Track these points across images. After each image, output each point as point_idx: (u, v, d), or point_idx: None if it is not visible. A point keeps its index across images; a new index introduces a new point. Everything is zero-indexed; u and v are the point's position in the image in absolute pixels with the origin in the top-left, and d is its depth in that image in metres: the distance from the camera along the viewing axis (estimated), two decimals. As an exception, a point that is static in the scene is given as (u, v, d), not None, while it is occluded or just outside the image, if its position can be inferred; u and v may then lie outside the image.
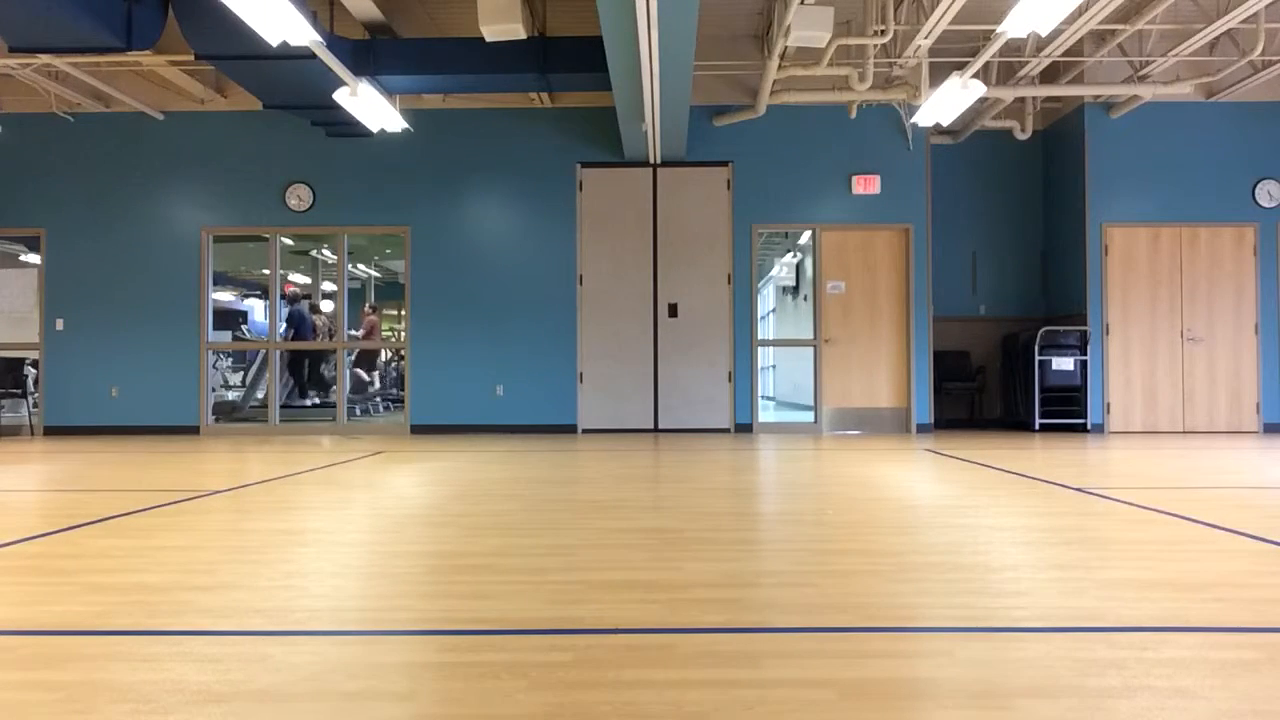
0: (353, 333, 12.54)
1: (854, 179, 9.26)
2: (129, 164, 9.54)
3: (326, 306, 12.99)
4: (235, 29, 6.97)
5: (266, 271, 10.13)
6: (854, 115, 9.24)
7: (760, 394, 9.96)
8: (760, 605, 2.13)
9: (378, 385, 12.05)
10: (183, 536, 3.12)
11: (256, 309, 15.62)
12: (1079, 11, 7.19)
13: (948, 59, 8.79)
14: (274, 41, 6.06)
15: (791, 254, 14.70)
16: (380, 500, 4.10)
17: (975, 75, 8.27)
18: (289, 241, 13.27)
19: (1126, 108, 9.03)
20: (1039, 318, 10.06)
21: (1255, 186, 9.22)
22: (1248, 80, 8.69)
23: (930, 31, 7.10)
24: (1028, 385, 9.36)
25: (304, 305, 11.45)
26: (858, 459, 6.12)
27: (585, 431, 9.30)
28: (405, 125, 8.53)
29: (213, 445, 7.88)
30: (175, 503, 4.00)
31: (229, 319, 13.60)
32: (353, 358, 11.86)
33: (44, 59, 8.03)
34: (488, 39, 7.05)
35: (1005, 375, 9.93)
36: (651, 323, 9.32)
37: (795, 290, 14.75)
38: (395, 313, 18.79)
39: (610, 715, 1.44)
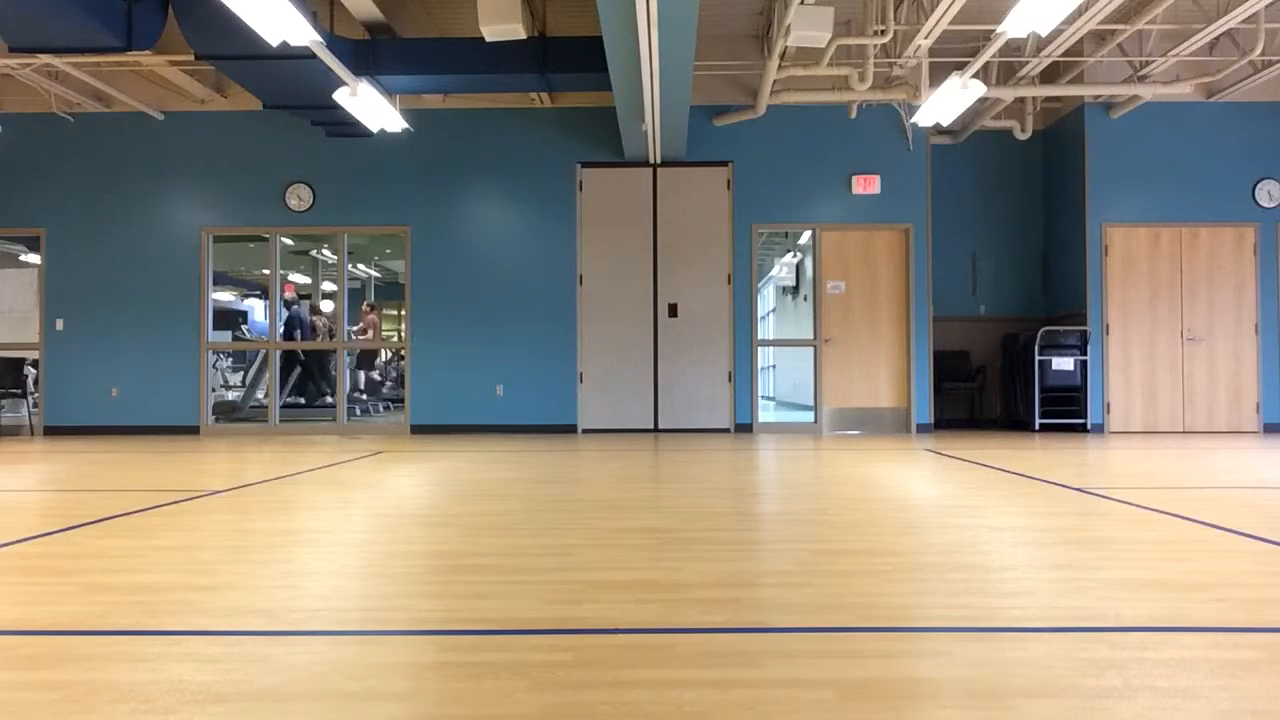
0: (352, 330, 12.54)
1: (854, 179, 9.27)
2: (129, 164, 9.54)
3: (326, 306, 12.99)
4: (235, 29, 6.97)
5: (266, 271, 10.13)
6: (854, 115, 9.24)
7: (760, 394, 9.96)
8: (760, 605, 2.13)
9: (363, 384, 12.03)
10: (183, 536, 3.12)
11: (256, 309, 15.62)
12: (1079, 11, 7.19)
13: (948, 59, 8.80)
14: (274, 41, 6.06)
15: (791, 254, 14.71)
16: (380, 500, 4.10)
17: (975, 75, 8.27)
18: (289, 241, 13.28)
19: (1126, 108, 9.03)
20: (1039, 318, 10.06)
21: (1255, 186, 9.22)
22: (1248, 80, 8.69)
23: (930, 31, 7.10)
24: (1028, 385, 9.36)
25: (302, 307, 11.44)
26: (858, 459, 6.12)
27: (585, 431, 9.30)
28: (405, 125, 8.53)
29: (213, 445, 7.88)
30: (175, 503, 4.00)
31: (229, 319, 13.59)
32: (352, 359, 11.86)
33: (44, 59, 8.03)
34: (488, 39, 7.05)
35: (1005, 375, 9.93)
36: (651, 323, 9.32)
37: (795, 290, 14.76)
38: (395, 313, 18.80)
39: (610, 715, 1.44)
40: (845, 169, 9.30)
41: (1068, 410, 9.29)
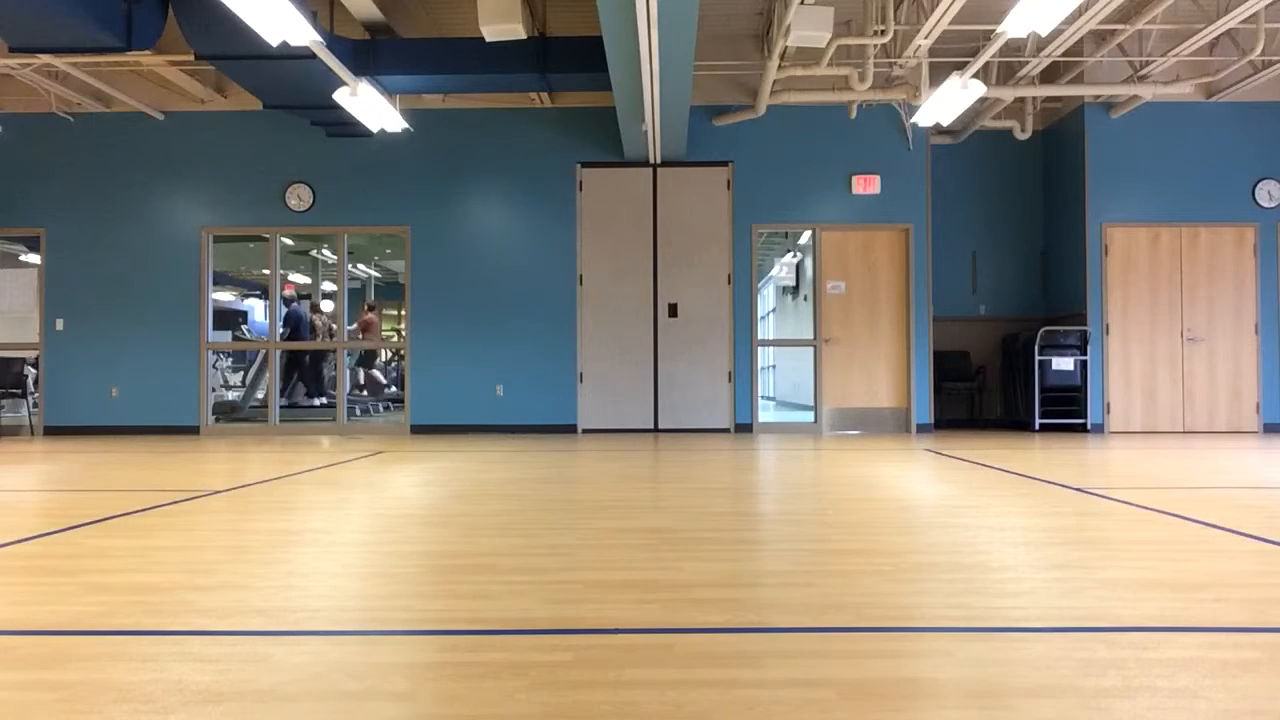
0: (351, 329, 12.54)
1: (854, 179, 9.27)
2: (129, 164, 9.54)
3: (326, 306, 12.99)
4: (235, 29, 6.98)
5: (266, 271, 10.12)
6: (854, 115, 9.24)
7: (760, 394, 9.96)
8: (760, 605, 2.13)
9: (363, 384, 12.03)
10: (183, 536, 3.12)
11: (256, 309, 15.62)
12: (1079, 11, 7.19)
13: (948, 59, 8.80)
14: (274, 41, 6.07)
15: (791, 254, 14.70)
16: (380, 500, 4.10)
17: (975, 75, 8.27)
18: (289, 241, 13.28)
19: (1126, 108, 9.03)
20: (1039, 318, 10.06)
21: (1255, 186, 9.22)
22: (1248, 80, 8.69)
23: (930, 31, 7.10)
24: (1028, 385, 9.36)
25: (302, 305, 11.45)
26: (858, 459, 6.12)
27: (585, 431, 9.30)
28: (405, 125, 8.53)
29: (213, 445, 7.88)
30: (175, 503, 4.00)
31: (229, 319, 13.59)
32: (352, 359, 11.86)
33: (44, 59, 8.03)
34: (488, 39, 7.05)
35: (1005, 375, 9.93)
36: (651, 323, 9.32)
37: (795, 290, 14.76)
38: (395, 313, 18.80)
39: (610, 715, 1.44)
40: (845, 169, 9.30)
41: (1068, 410, 9.29)
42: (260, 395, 10.81)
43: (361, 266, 17.13)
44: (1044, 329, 9.17)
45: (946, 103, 7.54)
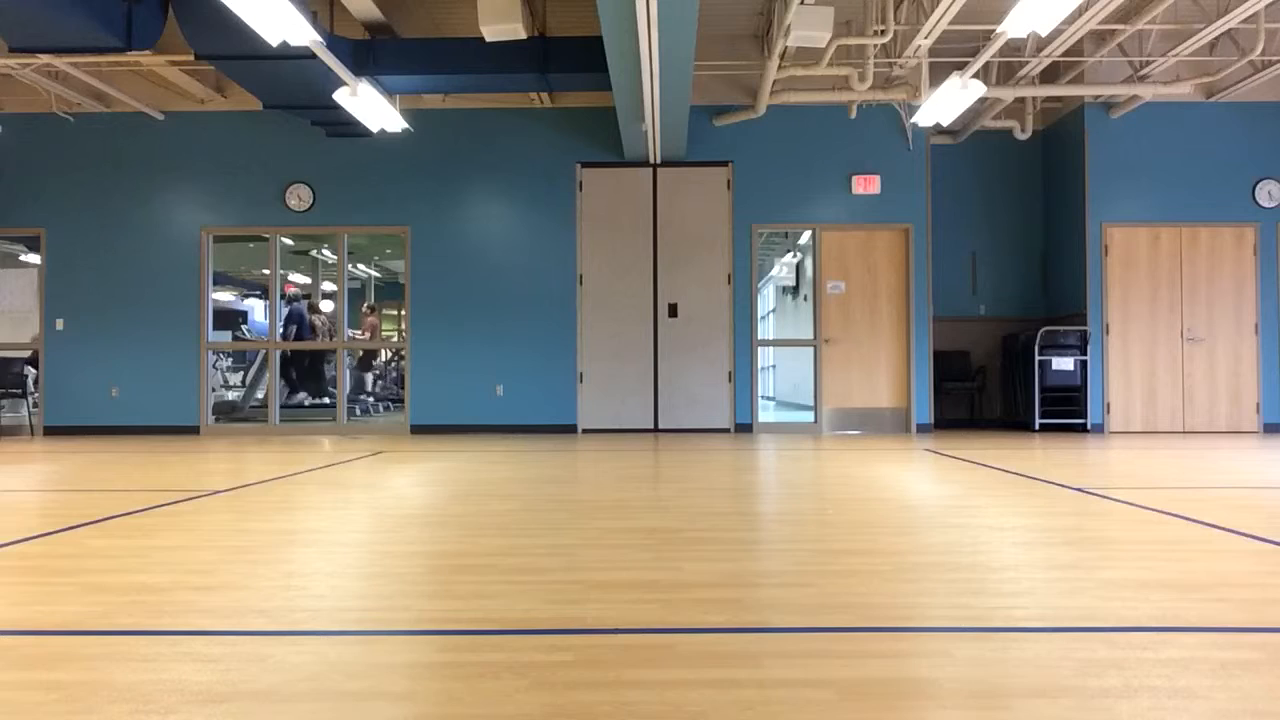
0: (352, 332, 12.53)
1: (854, 179, 9.26)
2: (129, 164, 9.54)
3: (326, 306, 12.98)
4: (235, 29, 6.97)
5: (266, 271, 10.13)
6: (854, 115, 9.24)
7: (760, 394, 9.96)
8: (760, 605, 2.13)
9: (369, 386, 12.02)
10: (183, 536, 3.12)
11: (256, 309, 15.61)
12: (1079, 11, 7.19)
13: (948, 59, 8.79)
14: (274, 41, 6.06)
15: (791, 254, 14.70)
16: (380, 500, 4.10)
17: (975, 75, 8.27)
18: (289, 241, 13.27)
19: (1126, 108, 9.03)
20: (1039, 318, 10.06)
21: (1255, 186, 9.22)
22: (1248, 80, 8.69)
23: (930, 31, 7.10)
24: (1028, 385, 9.36)
25: (303, 305, 11.44)
26: (858, 459, 6.12)
27: (585, 431, 9.30)
28: (405, 125, 8.53)
29: (213, 445, 7.88)
30: (175, 503, 4.00)
31: (229, 319, 13.58)
32: (353, 360, 11.85)
33: (44, 59, 8.02)
34: (488, 39, 7.05)
35: (1005, 375, 9.93)
36: (651, 323, 9.32)
37: (795, 290, 14.76)
38: (395, 313, 18.80)
39: (610, 715, 1.44)
40: (845, 169, 9.30)
41: (1068, 410, 9.29)
42: (260, 395, 10.80)
43: (361, 266, 17.13)
44: (1044, 329, 9.16)
45: (946, 103, 7.54)
